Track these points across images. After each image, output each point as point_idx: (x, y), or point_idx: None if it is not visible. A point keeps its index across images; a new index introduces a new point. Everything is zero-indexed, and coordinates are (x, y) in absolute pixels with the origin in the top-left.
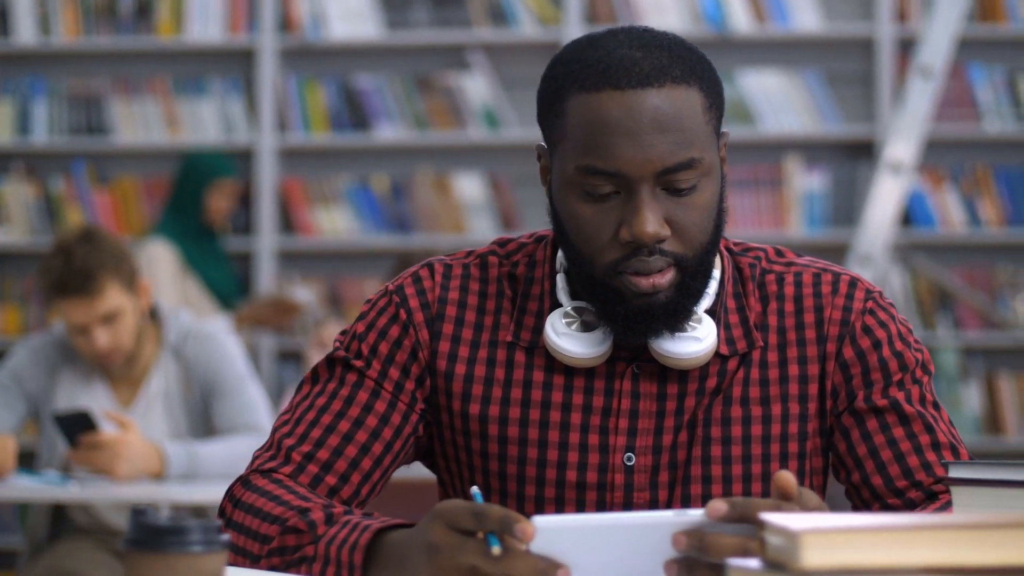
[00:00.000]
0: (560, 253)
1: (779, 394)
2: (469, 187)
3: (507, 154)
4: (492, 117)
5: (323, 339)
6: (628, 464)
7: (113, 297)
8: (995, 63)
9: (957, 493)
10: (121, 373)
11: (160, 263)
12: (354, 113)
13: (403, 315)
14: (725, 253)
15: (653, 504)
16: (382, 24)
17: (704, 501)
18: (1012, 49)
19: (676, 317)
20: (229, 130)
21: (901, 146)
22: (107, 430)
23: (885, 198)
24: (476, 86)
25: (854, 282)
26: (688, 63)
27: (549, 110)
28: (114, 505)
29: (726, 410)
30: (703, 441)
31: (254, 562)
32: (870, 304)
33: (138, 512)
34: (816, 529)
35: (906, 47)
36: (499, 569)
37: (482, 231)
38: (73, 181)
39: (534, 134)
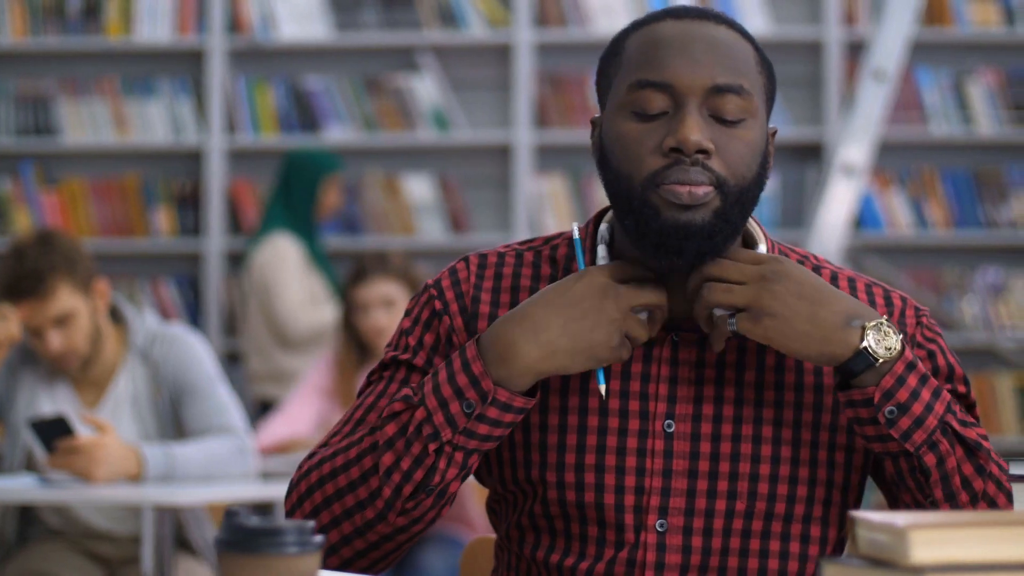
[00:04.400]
0: (602, 227)
1: (832, 385)
2: (418, 188)
3: (457, 156)
4: (441, 119)
5: None
6: (668, 431)
7: (64, 299)
8: (941, 66)
9: (1018, 490)
10: (84, 375)
11: (287, 258)
12: (303, 114)
13: (438, 305)
14: (769, 242)
15: (692, 474)
16: (331, 25)
17: (751, 479)
18: (959, 52)
19: (710, 241)
20: (178, 131)
21: (854, 149)
22: (83, 434)
23: (838, 201)
24: (425, 88)
25: (904, 299)
26: (745, 33)
27: (609, 61)
28: (93, 505)
29: (779, 394)
30: (755, 420)
31: (364, 476)
32: (924, 319)
33: (231, 513)
34: (923, 524)
35: (854, 50)
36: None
37: (432, 232)
38: (21, 182)
39: (483, 136)
